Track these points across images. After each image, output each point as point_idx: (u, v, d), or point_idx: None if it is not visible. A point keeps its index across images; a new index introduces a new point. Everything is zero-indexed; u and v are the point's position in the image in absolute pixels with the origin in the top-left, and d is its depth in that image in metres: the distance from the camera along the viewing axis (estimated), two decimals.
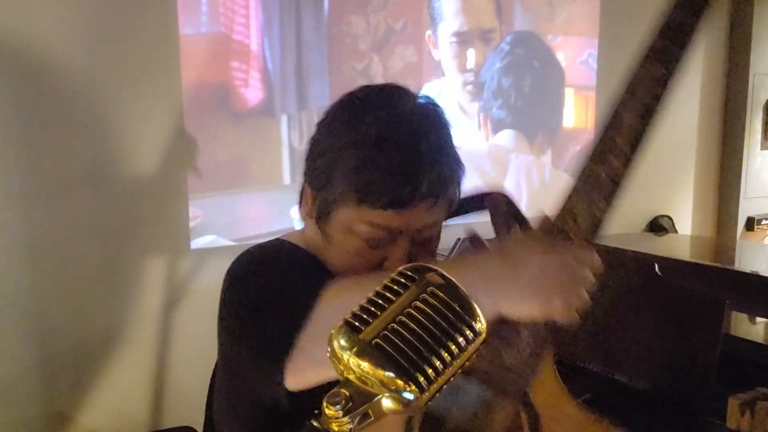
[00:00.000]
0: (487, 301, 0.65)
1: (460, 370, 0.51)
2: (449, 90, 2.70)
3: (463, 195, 0.96)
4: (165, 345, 2.11)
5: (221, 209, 2.24)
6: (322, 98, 2.42)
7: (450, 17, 2.64)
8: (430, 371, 0.48)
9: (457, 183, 0.92)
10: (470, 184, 3.11)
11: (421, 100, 0.92)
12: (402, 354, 0.48)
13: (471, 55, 2.69)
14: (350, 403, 0.48)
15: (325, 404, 0.48)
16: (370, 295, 0.52)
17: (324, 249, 0.94)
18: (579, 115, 3.06)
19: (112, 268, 2.04)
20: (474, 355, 0.51)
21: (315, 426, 0.48)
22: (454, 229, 2.73)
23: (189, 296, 2.12)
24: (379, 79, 2.52)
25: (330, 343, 0.51)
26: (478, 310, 0.52)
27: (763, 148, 3.46)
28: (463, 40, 2.68)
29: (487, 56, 2.75)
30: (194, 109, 2.15)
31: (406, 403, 0.48)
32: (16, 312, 1.92)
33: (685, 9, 0.75)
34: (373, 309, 0.51)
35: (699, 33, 0.74)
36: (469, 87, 2.72)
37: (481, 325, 0.51)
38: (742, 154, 3.41)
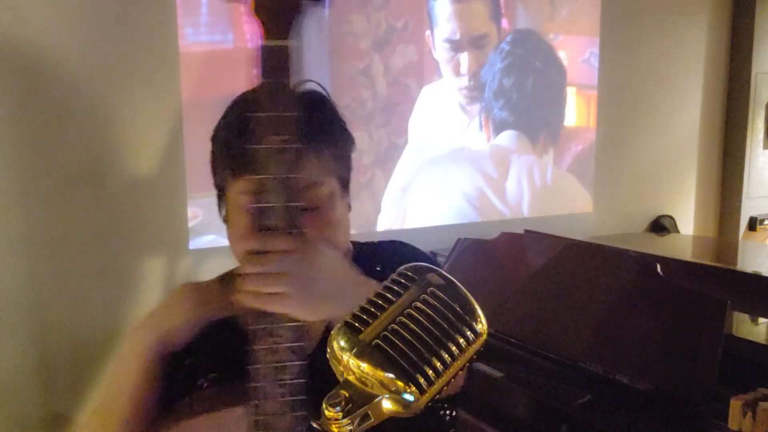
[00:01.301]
0: None
1: (460, 371, 0.50)
2: (449, 91, 2.69)
3: None
4: None
5: None
6: None
7: (443, 23, 2.64)
8: (430, 372, 0.48)
9: (332, 156, 0.90)
10: (472, 185, 3.08)
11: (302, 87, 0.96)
12: (402, 355, 0.48)
13: (464, 60, 2.69)
14: (350, 405, 0.48)
15: (324, 405, 0.48)
16: (371, 295, 0.52)
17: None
18: (581, 114, 3.05)
19: (111, 268, 2.04)
20: (474, 356, 0.51)
21: (315, 427, 0.48)
22: (454, 230, 2.73)
23: None
24: (380, 78, 2.52)
25: (330, 344, 0.50)
26: (479, 311, 0.51)
27: (765, 147, 3.46)
28: (455, 46, 2.67)
29: (488, 57, 2.75)
30: (194, 109, 2.15)
31: (407, 405, 0.48)
32: (16, 312, 1.92)
33: None
34: (372, 309, 0.50)
35: None
36: (464, 91, 2.71)
37: (481, 325, 0.51)
38: (744, 153, 3.41)
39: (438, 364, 0.48)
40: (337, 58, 2.44)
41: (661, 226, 3.30)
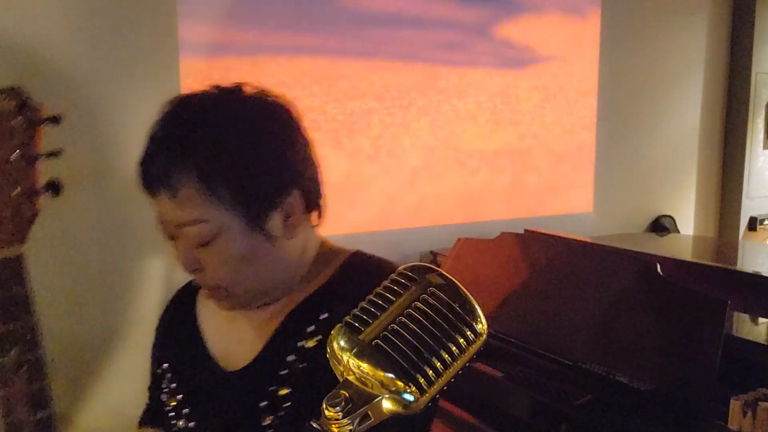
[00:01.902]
0: None
1: (460, 371, 0.50)
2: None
3: None
4: None
5: None
6: None
7: None
8: (430, 372, 0.48)
9: (221, 191, 0.80)
10: (472, 184, 3.05)
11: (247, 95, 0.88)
12: (402, 355, 0.48)
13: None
14: (350, 405, 0.48)
15: (324, 405, 0.48)
16: (371, 295, 0.52)
17: None
18: (581, 113, 3.05)
19: (110, 268, 2.04)
20: (474, 356, 0.51)
21: (315, 427, 0.48)
22: (454, 230, 2.72)
23: None
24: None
25: (330, 344, 0.50)
26: (479, 311, 0.51)
27: (765, 147, 3.46)
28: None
29: None
30: None
31: (407, 405, 0.48)
32: None
33: None
34: (373, 309, 0.50)
35: None
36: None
37: (481, 326, 0.51)
38: (744, 153, 3.41)
39: (438, 364, 0.48)
40: None
41: (661, 226, 3.30)
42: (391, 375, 0.47)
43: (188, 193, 0.80)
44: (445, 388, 0.50)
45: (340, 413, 0.47)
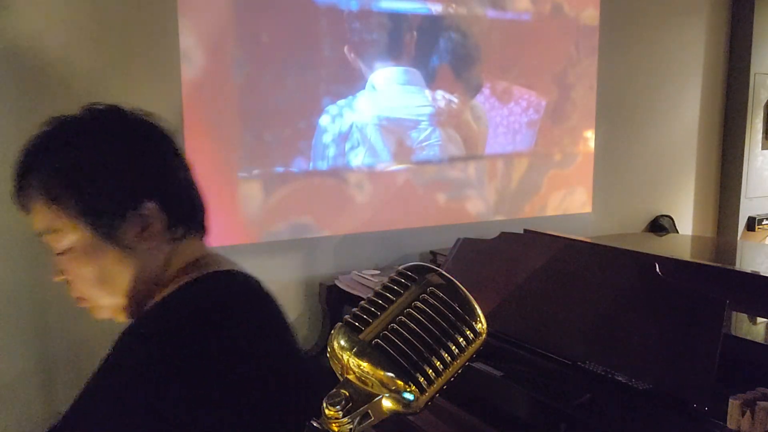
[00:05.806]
0: None
1: (459, 371, 0.50)
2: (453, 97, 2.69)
3: None
4: None
5: None
6: None
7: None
8: (430, 372, 0.48)
9: (74, 205, 0.85)
10: (471, 185, 3.05)
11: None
12: (402, 354, 0.48)
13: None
14: (350, 404, 0.48)
15: (325, 404, 0.48)
16: (370, 295, 0.52)
17: None
18: (581, 114, 3.05)
19: None
20: (474, 356, 0.51)
21: (315, 426, 0.48)
22: (454, 230, 2.72)
23: None
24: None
25: (330, 344, 0.50)
26: (479, 311, 0.51)
27: (764, 147, 3.46)
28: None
29: None
30: (194, 108, 2.15)
31: (407, 404, 0.48)
32: (16, 312, 1.92)
33: None
34: (373, 309, 0.51)
35: None
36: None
37: (481, 325, 0.51)
38: (743, 153, 3.41)
39: (438, 364, 0.48)
40: None
41: (659, 226, 3.31)
42: (391, 374, 0.48)
43: (38, 204, 0.87)
44: (445, 387, 0.50)
45: (340, 412, 0.47)
